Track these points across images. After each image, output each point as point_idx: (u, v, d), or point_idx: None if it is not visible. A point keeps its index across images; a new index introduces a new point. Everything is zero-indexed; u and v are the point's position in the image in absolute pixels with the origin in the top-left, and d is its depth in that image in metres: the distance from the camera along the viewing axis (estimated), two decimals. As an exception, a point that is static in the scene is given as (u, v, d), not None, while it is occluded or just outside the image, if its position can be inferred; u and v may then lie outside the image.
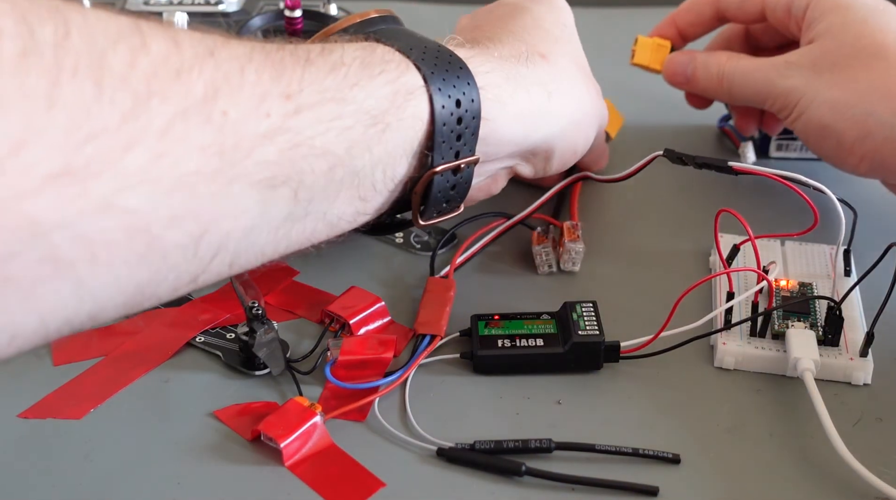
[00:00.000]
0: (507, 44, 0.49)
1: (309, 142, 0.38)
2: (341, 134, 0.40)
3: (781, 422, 0.47)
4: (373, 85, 0.41)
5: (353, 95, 0.40)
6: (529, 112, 0.48)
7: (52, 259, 0.31)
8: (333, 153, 0.39)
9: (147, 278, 0.35)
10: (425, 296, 0.52)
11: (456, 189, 0.47)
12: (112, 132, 0.32)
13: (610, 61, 0.65)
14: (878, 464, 0.43)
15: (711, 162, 0.51)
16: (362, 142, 0.41)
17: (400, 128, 0.42)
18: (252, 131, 0.36)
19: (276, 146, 0.37)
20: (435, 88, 0.43)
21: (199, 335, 0.51)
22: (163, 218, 0.34)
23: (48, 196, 0.30)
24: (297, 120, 0.38)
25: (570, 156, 0.53)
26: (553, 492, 0.43)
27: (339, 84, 0.40)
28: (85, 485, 0.43)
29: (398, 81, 0.42)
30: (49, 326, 0.33)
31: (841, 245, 0.53)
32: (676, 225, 0.60)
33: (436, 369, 0.49)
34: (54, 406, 0.47)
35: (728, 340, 0.50)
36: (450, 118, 0.44)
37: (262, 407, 0.47)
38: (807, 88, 0.55)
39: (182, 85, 0.34)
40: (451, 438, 0.45)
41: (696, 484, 0.44)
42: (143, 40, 0.33)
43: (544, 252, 0.55)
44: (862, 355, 0.49)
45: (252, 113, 0.36)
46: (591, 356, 0.49)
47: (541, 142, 0.50)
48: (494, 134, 0.47)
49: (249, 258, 0.39)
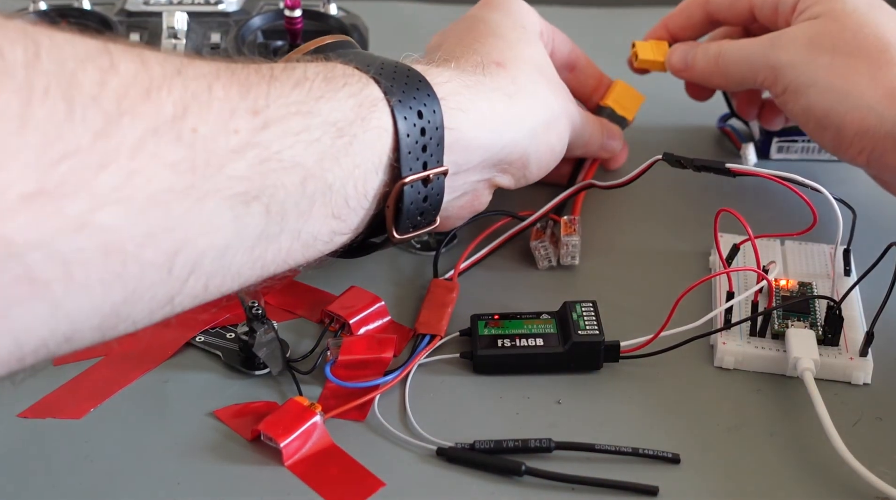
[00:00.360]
0: (463, 57, 0.50)
1: (277, 156, 0.39)
2: (309, 146, 0.40)
3: (781, 422, 0.47)
4: (337, 97, 0.42)
5: (318, 108, 0.41)
6: (492, 117, 0.49)
7: (28, 279, 0.31)
8: (303, 166, 0.40)
9: (122, 298, 0.35)
10: (427, 297, 0.52)
11: (428, 201, 0.47)
12: (85, 152, 0.32)
13: (609, 61, 0.65)
14: (878, 464, 0.43)
15: (710, 164, 0.52)
16: (330, 154, 0.41)
17: (366, 139, 0.43)
18: (222, 147, 0.36)
19: (247, 161, 0.37)
20: (395, 100, 0.44)
21: (198, 335, 0.51)
22: (137, 236, 0.34)
23: (23, 216, 0.30)
24: (266, 134, 0.38)
25: (548, 158, 0.53)
26: (553, 492, 0.43)
27: (305, 98, 0.41)
28: (85, 485, 0.43)
29: (361, 94, 0.43)
30: (24, 348, 0.33)
31: (840, 245, 0.53)
32: (676, 225, 0.60)
33: (436, 368, 0.49)
34: (54, 406, 0.47)
35: (728, 339, 0.50)
36: (413, 129, 0.44)
37: (262, 407, 0.47)
38: (803, 66, 0.54)
39: (152, 104, 0.34)
40: (451, 437, 0.45)
41: (696, 484, 0.44)
42: (111, 61, 0.34)
43: (542, 247, 0.55)
44: (862, 355, 0.49)
45: (221, 129, 0.37)
46: (591, 356, 0.49)
47: (511, 147, 0.50)
48: (460, 142, 0.47)
49: (226, 280, 0.39)
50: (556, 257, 0.56)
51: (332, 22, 0.66)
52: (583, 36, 0.57)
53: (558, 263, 0.56)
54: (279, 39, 0.65)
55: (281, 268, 0.42)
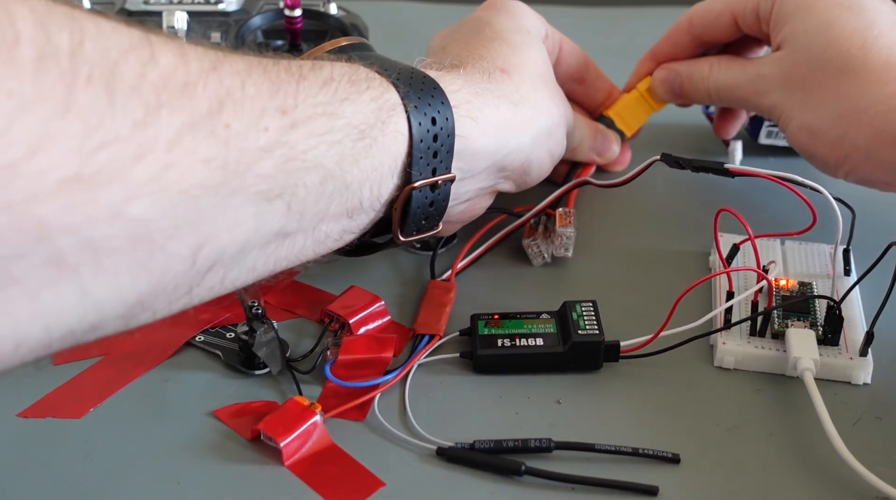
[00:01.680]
0: (470, 63, 0.51)
1: (302, 156, 0.39)
2: (332, 147, 0.40)
3: (781, 422, 0.47)
4: (360, 100, 0.42)
5: (342, 110, 0.41)
6: (499, 125, 0.49)
7: (57, 263, 0.31)
8: (324, 166, 0.40)
9: (147, 288, 0.35)
10: (425, 298, 0.53)
11: (434, 206, 0.47)
12: (124, 141, 0.32)
13: (609, 60, 0.65)
14: (878, 463, 0.43)
15: (708, 165, 0.52)
16: (350, 156, 0.42)
17: (384, 143, 0.44)
18: (252, 145, 0.37)
19: (274, 160, 0.38)
20: (412, 106, 0.45)
21: (198, 335, 0.51)
22: (166, 228, 0.34)
23: (59, 201, 0.31)
24: (293, 134, 0.39)
25: (548, 163, 0.54)
26: (553, 492, 0.43)
27: (331, 99, 0.41)
28: (85, 484, 0.43)
29: (381, 98, 0.44)
30: (53, 334, 0.33)
31: (839, 244, 0.52)
32: (676, 224, 0.60)
33: (436, 368, 0.49)
34: (54, 406, 0.47)
35: (728, 339, 0.50)
36: (426, 135, 0.45)
37: (262, 406, 0.47)
38: (784, 108, 0.56)
39: (189, 98, 0.35)
40: (451, 437, 0.45)
41: (696, 484, 0.44)
42: (152, 52, 0.34)
43: (535, 244, 0.55)
44: (862, 355, 0.49)
45: (252, 127, 0.37)
46: (591, 356, 0.49)
47: (515, 154, 0.51)
48: (468, 149, 0.48)
49: (241, 273, 0.40)
50: (550, 252, 0.56)
51: (331, 21, 0.66)
52: (583, 35, 0.57)
53: (552, 257, 0.56)
54: (279, 39, 0.65)
55: (293, 263, 0.42)
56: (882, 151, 0.51)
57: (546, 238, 0.56)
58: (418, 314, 0.52)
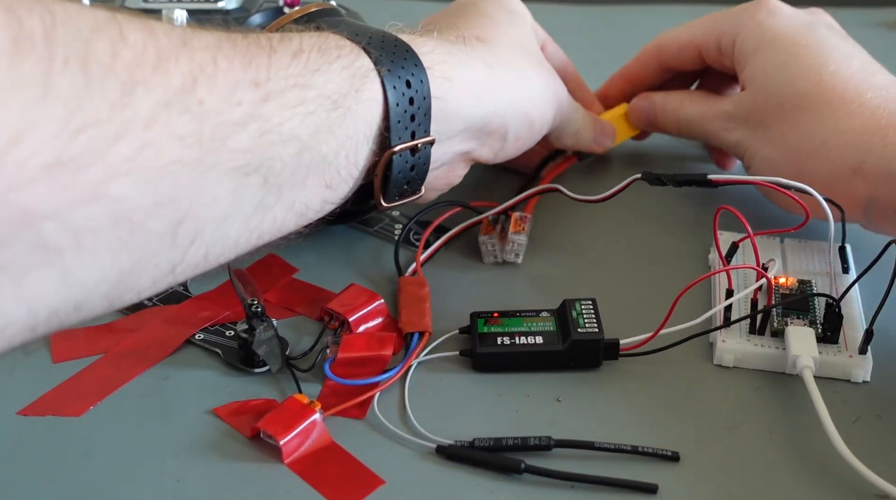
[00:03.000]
0: (446, 30, 0.51)
1: (277, 128, 0.39)
2: (305, 119, 0.40)
3: (781, 420, 0.47)
4: (332, 69, 0.42)
5: (314, 81, 0.41)
6: (475, 86, 0.49)
7: (42, 248, 0.32)
8: (299, 138, 0.40)
9: (129, 266, 0.35)
10: (402, 296, 0.52)
11: (415, 170, 0.48)
12: (103, 123, 0.32)
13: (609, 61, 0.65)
14: (878, 461, 0.43)
15: (690, 178, 0.52)
16: (325, 126, 0.42)
17: (359, 111, 0.43)
18: (226, 119, 0.37)
19: (249, 134, 0.38)
20: (385, 71, 0.45)
21: (198, 333, 0.51)
22: (145, 206, 0.34)
23: (41, 187, 0.31)
24: (266, 107, 0.39)
25: (527, 133, 0.54)
26: (552, 490, 0.43)
27: (302, 70, 0.41)
28: (84, 482, 0.43)
29: (353, 66, 0.44)
30: (38, 316, 0.33)
31: (833, 242, 0.52)
32: (675, 222, 0.60)
33: (435, 366, 0.49)
34: (54, 404, 0.47)
35: (727, 337, 0.50)
36: (402, 99, 0.45)
37: (262, 405, 0.47)
38: (747, 144, 0.57)
39: (162, 75, 0.35)
40: (451, 435, 0.45)
41: (696, 482, 0.44)
42: (120, 31, 0.34)
43: (490, 243, 0.55)
44: (861, 353, 0.49)
45: (226, 102, 0.37)
46: (591, 354, 0.49)
47: (491, 116, 0.51)
48: (444, 111, 0.48)
49: (224, 249, 0.40)
50: (502, 255, 0.56)
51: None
52: (579, 34, 0.57)
53: (503, 260, 0.56)
54: (278, 37, 0.65)
55: (275, 236, 0.43)
56: (838, 185, 0.52)
57: (501, 239, 0.56)
58: (400, 313, 0.51)
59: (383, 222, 0.59)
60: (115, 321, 0.51)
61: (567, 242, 0.58)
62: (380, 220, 0.59)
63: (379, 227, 0.58)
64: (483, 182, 0.60)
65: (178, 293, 0.53)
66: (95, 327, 0.51)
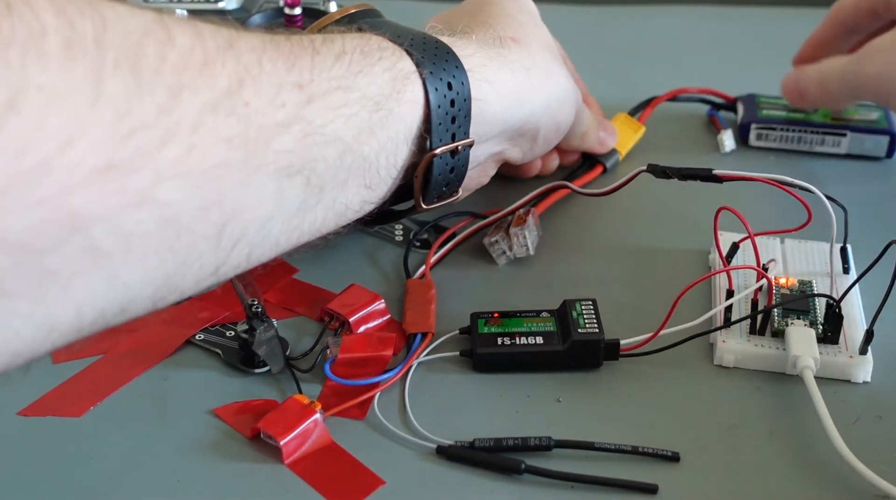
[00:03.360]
0: (480, 31, 0.51)
1: (320, 130, 0.39)
2: (348, 121, 0.41)
3: (781, 420, 0.47)
4: (374, 72, 0.43)
5: (357, 83, 0.41)
6: (514, 89, 0.50)
7: (91, 252, 0.32)
8: (342, 140, 0.40)
9: (174, 268, 0.35)
10: (408, 297, 0.52)
11: (454, 172, 0.48)
12: (151, 127, 0.32)
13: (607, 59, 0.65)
14: (878, 462, 0.43)
15: (696, 172, 0.52)
16: (367, 128, 0.42)
17: (400, 113, 0.44)
18: (271, 122, 0.37)
19: (292, 135, 0.38)
20: (427, 72, 0.45)
21: (198, 333, 0.51)
22: (192, 209, 0.34)
23: (91, 191, 0.31)
24: (310, 109, 0.39)
25: (554, 134, 0.55)
26: (552, 490, 0.43)
27: (345, 72, 0.41)
28: (84, 483, 0.43)
29: (395, 68, 0.44)
30: (84, 318, 0.33)
31: (835, 242, 0.52)
32: (676, 223, 0.60)
33: (435, 367, 0.49)
34: (54, 404, 0.47)
35: (728, 338, 0.50)
36: (444, 101, 0.45)
37: (262, 405, 0.47)
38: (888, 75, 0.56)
39: (208, 77, 0.35)
40: (451, 436, 0.45)
41: (696, 482, 0.44)
42: (168, 34, 0.34)
43: (494, 243, 0.55)
44: (861, 353, 0.49)
45: (270, 103, 0.37)
46: (591, 354, 0.49)
47: (526, 119, 0.51)
48: (484, 114, 0.48)
49: (266, 249, 0.40)
50: (513, 252, 0.56)
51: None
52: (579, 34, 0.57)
53: (514, 256, 0.56)
54: (279, 37, 0.65)
55: (314, 236, 0.43)
56: None
57: (507, 235, 0.56)
58: (405, 314, 0.51)
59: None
60: (116, 322, 0.51)
61: (567, 243, 0.58)
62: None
63: (379, 227, 0.58)
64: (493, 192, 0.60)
65: (178, 294, 0.53)
66: (96, 328, 0.51)
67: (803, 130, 0.65)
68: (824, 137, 0.65)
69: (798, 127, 0.65)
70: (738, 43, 0.81)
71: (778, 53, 0.69)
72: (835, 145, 0.65)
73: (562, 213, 0.60)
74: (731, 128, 0.67)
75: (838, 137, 0.65)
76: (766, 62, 0.73)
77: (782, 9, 0.86)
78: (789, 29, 0.72)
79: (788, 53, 0.67)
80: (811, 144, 0.65)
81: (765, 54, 0.78)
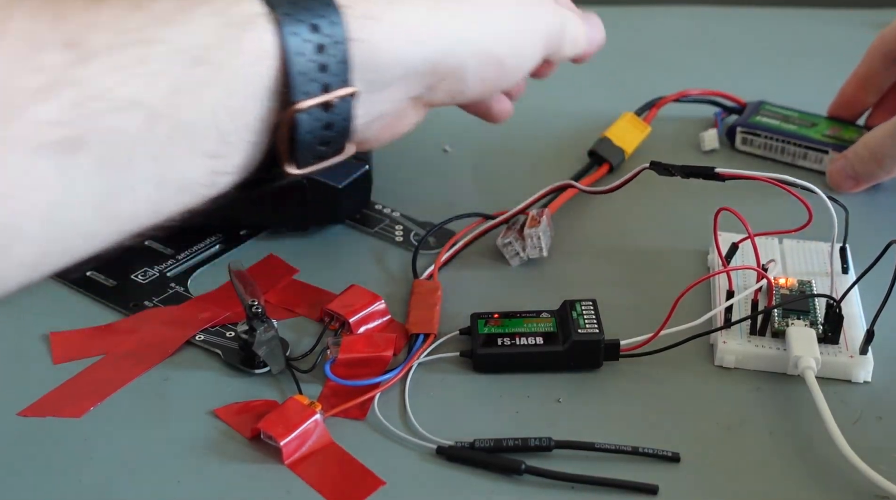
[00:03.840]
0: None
1: (107, 94, 0.34)
2: (150, 82, 0.35)
3: (781, 420, 0.47)
4: (191, 20, 0.36)
5: (162, 35, 0.35)
6: (414, 25, 0.43)
7: None
8: (144, 104, 0.35)
9: None
10: (413, 298, 0.52)
11: (333, 128, 0.41)
12: None
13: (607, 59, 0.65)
14: (879, 462, 0.43)
15: (698, 170, 0.51)
16: (185, 87, 0.36)
17: (238, 66, 0.37)
18: (21, 87, 0.32)
19: (59, 103, 0.33)
20: (282, 14, 0.38)
21: (198, 334, 0.51)
22: None
23: None
24: (84, 70, 0.33)
25: (494, 71, 0.47)
26: (552, 490, 0.43)
27: (145, 23, 0.35)
28: (84, 483, 0.43)
29: (227, 13, 0.37)
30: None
31: (836, 242, 0.52)
32: (675, 223, 0.60)
33: (435, 367, 0.49)
34: (54, 405, 0.47)
35: (728, 338, 0.50)
36: (305, 46, 0.38)
37: (262, 405, 0.47)
38: None
39: None
40: (451, 436, 0.45)
41: (696, 483, 0.44)
42: None
43: (507, 244, 0.55)
44: (862, 353, 0.49)
45: (19, 67, 0.32)
46: (591, 355, 0.49)
47: (441, 59, 0.44)
48: (374, 57, 0.41)
49: (75, 242, 0.35)
50: (526, 253, 0.55)
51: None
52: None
53: (528, 257, 0.56)
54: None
55: (153, 219, 0.37)
56: None
57: (520, 237, 0.56)
58: (409, 314, 0.51)
59: (383, 224, 0.59)
60: (116, 322, 0.51)
61: (567, 243, 0.58)
62: (380, 221, 0.59)
63: (379, 228, 0.58)
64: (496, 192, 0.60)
65: (178, 294, 0.53)
66: (96, 329, 0.51)
67: (786, 141, 0.65)
68: (807, 152, 0.64)
69: (782, 137, 0.65)
70: (746, 44, 0.81)
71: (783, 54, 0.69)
72: (817, 162, 0.64)
73: (562, 213, 0.59)
74: (724, 129, 0.66)
75: (820, 153, 0.64)
76: (773, 64, 0.73)
77: (783, 9, 0.86)
78: (795, 30, 0.72)
79: (794, 54, 0.67)
80: (794, 157, 0.65)
81: (772, 56, 0.78)
